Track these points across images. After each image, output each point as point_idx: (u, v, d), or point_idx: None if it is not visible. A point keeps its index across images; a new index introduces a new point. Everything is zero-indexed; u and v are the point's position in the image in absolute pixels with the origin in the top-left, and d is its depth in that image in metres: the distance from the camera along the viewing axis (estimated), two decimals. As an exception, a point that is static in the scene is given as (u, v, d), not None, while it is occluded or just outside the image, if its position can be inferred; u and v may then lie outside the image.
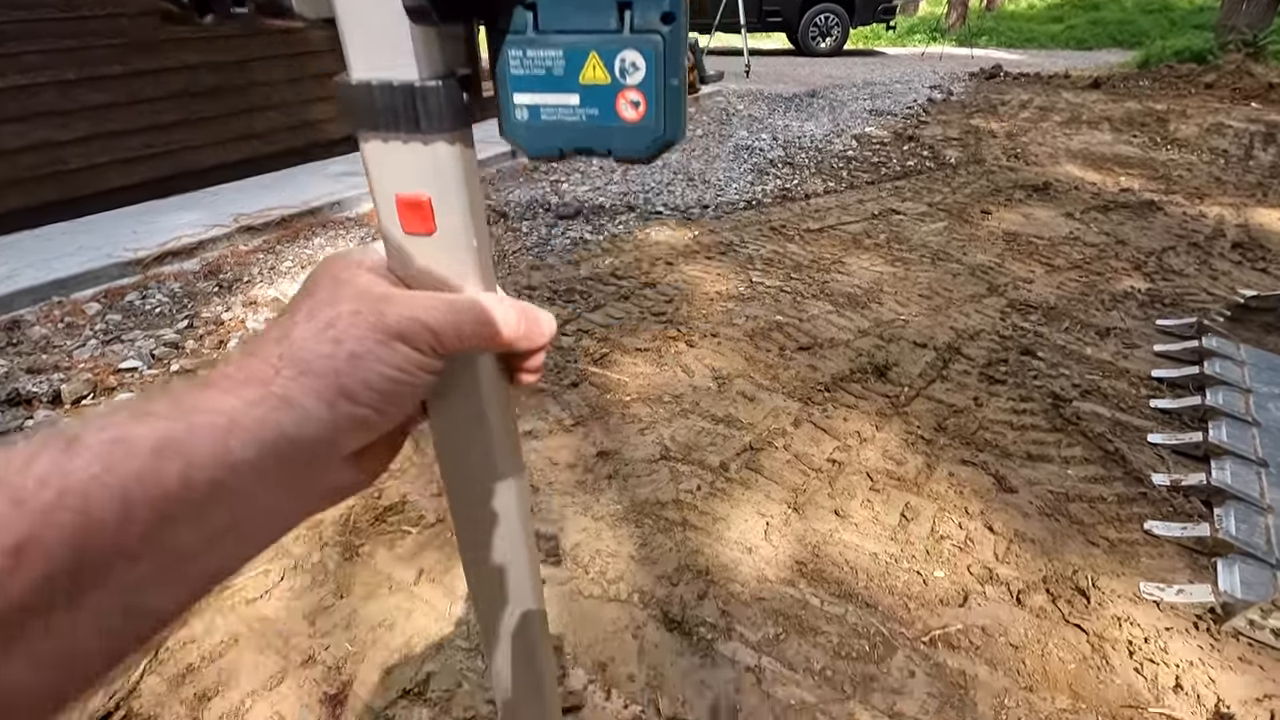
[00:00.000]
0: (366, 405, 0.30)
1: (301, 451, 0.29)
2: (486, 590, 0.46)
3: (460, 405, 0.38)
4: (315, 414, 0.29)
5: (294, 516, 0.32)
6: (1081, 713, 1.46)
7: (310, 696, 1.52)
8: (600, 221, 4.34)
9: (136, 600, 0.25)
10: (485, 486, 0.41)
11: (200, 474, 0.26)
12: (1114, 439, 2.25)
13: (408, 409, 0.33)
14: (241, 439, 0.27)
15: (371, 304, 0.32)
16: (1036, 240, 3.94)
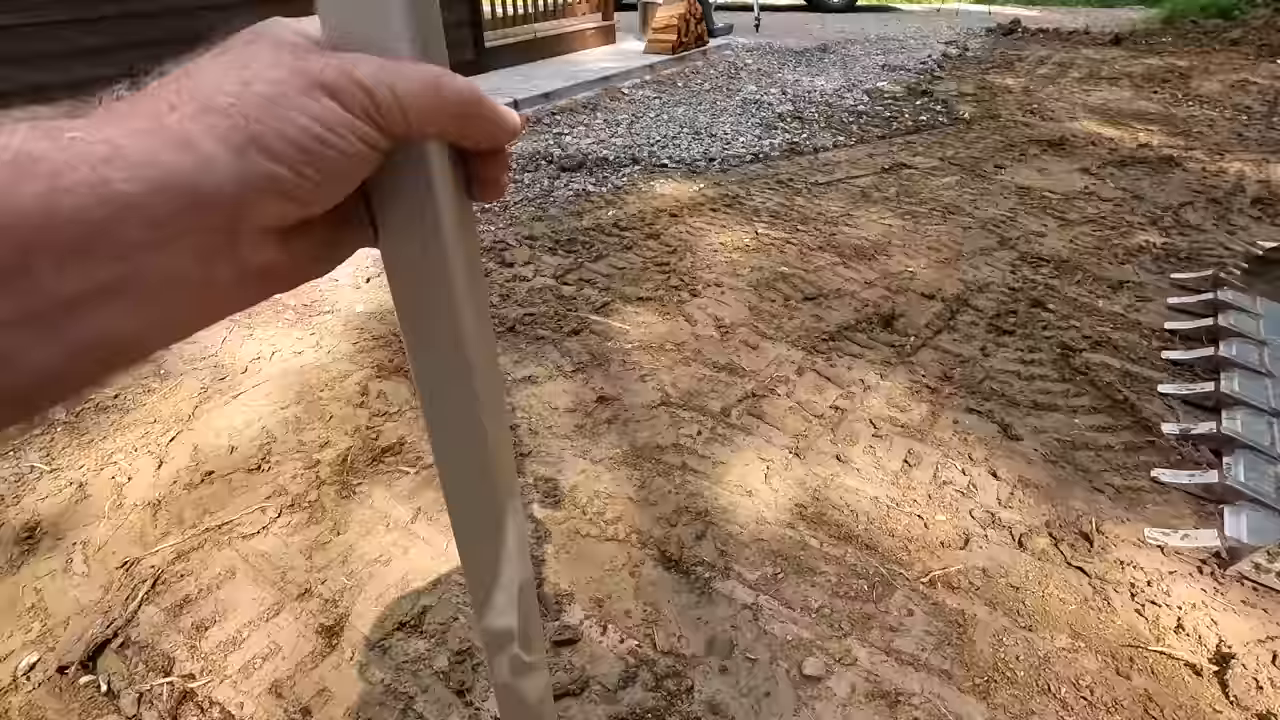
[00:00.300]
0: (284, 163, 0.25)
1: (204, 205, 0.24)
2: (453, 468, 0.42)
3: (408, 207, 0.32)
4: (220, 161, 0.24)
5: (208, 294, 0.27)
6: (1080, 651, 1.45)
7: (307, 627, 1.52)
8: (604, 174, 4.25)
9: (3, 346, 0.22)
10: (443, 324, 0.35)
11: (68, 200, 0.21)
12: (1123, 389, 2.21)
13: (338, 184, 0.28)
14: (124, 171, 0.22)
15: (292, 53, 0.27)
16: (1050, 195, 3.85)
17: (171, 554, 1.69)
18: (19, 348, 0.22)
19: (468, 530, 0.45)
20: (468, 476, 0.42)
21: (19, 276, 0.21)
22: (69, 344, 0.23)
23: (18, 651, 1.46)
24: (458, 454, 0.41)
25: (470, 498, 0.43)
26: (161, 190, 0.23)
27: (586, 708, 1.36)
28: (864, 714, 1.34)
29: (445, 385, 0.37)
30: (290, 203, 0.27)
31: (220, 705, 1.37)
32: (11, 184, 0.21)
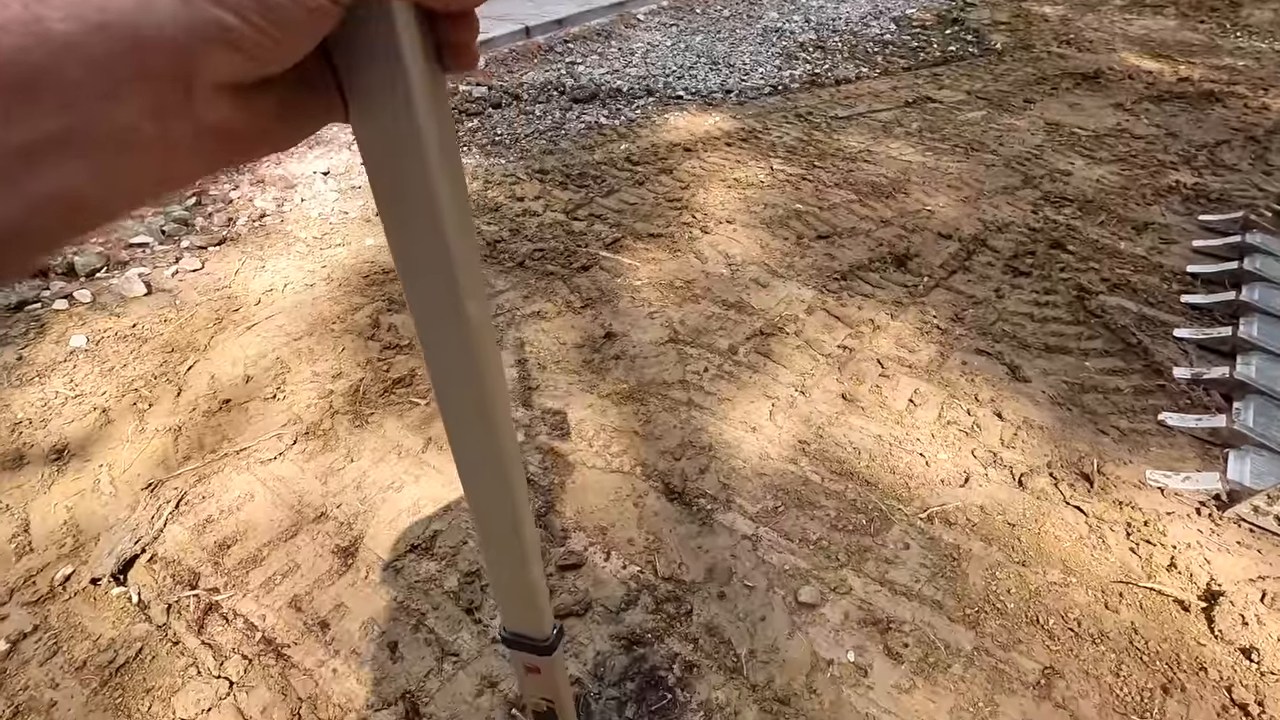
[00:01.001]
0: (233, 11, 0.24)
1: (147, 49, 0.23)
2: (438, 357, 0.41)
3: (380, 79, 0.30)
4: (161, 3, 0.23)
5: (166, 157, 0.26)
6: (1071, 586, 1.48)
7: (323, 548, 1.59)
8: (617, 106, 4.13)
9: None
10: (419, 199, 0.34)
11: (5, 40, 0.21)
12: (1138, 333, 2.18)
13: (294, 40, 0.26)
14: (60, 10, 0.21)
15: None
16: (1080, 131, 3.70)
17: (193, 477, 1.75)
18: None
19: (455, 416, 0.45)
20: (452, 360, 0.42)
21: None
22: (27, 197, 0.23)
23: (54, 564, 1.55)
24: (440, 335, 0.41)
25: (456, 381, 0.43)
26: (100, 29, 0.22)
27: (590, 627, 1.43)
28: (855, 639, 1.39)
29: (424, 265, 0.37)
30: (243, 56, 0.25)
31: (244, 617, 1.45)
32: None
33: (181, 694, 1.32)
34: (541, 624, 0.64)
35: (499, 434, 0.46)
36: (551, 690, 0.72)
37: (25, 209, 0.23)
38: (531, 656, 0.66)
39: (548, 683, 0.70)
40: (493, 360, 0.44)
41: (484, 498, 0.51)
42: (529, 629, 0.64)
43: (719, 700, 1.30)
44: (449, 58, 0.33)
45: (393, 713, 1.29)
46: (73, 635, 1.41)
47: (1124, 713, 1.27)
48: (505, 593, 0.62)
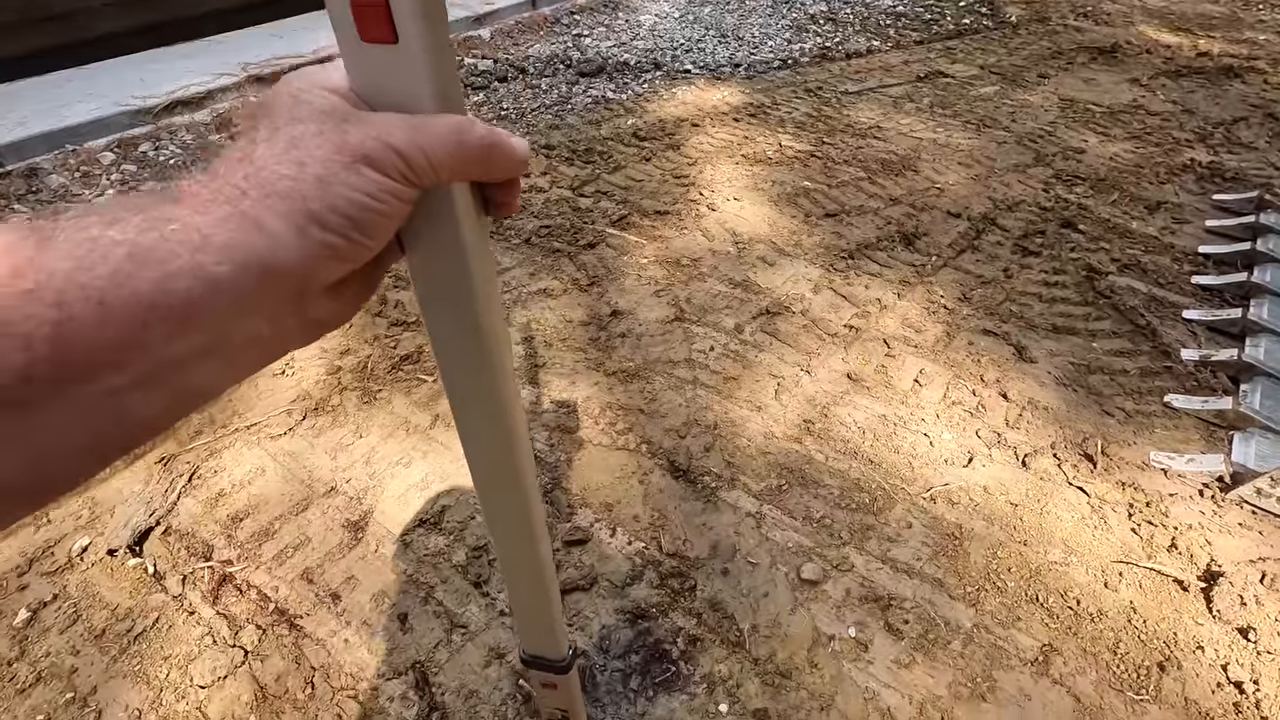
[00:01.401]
0: (337, 233, 0.29)
1: (276, 278, 0.28)
2: (472, 429, 0.46)
3: (435, 237, 0.36)
4: (286, 239, 0.28)
5: (276, 346, 0.32)
6: (1071, 565, 1.50)
7: (334, 522, 1.61)
8: (624, 80, 4.08)
9: (120, 405, 0.26)
10: (466, 322, 0.39)
11: (176, 285, 0.26)
12: (1146, 314, 2.17)
13: (382, 239, 0.32)
14: (215, 256, 0.27)
15: (335, 125, 0.30)
16: (1095, 108, 3.64)
17: (205, 451, 1.78)
18: (134, 404, 0.27)
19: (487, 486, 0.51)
20: (488, 441, 0.47)
21: (140, 350, 0.26)
22: (170, 397, 0.28)
23: (71, 535, 1.58)
24: (480, 431, 0.47)
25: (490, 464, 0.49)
26: (244, 269, 0.27)
27: (595, 601, 1.45)
28: (856, 615, 1.42)
29: (474, 402, 0.43)
30: (344, 263, 0.31)
31: (257, 588, 1.48)
32: (133, 273, 0.25)
33: (198, 662, 1.35)
34: (559, 646, 0.69)
35: (528, 501, 0.52)
36: (566, 702, 0.76)
37: (171, 401, 0.28)
38: (549, 675, 0.70)
39: (563, 696, 0.74)
40: (525, 454, 0.49)
41: (510, 549, 0.57)
42: (547, 651, 0.69)
43: (721, 673, 1.33)
44: (493, 209, 0.39)
45: (403, 682, 1.32)
46: (91, 604, 1.45)
47: (1120, 689, 1.29)
48: (526, 622, 0.68)
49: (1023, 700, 1.28)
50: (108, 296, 0.24)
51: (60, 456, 0.25)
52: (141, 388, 0.26)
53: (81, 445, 0.26)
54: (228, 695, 1.31)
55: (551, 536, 1.57)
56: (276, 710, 1.28)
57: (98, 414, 0.26)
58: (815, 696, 1.29)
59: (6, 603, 1.45)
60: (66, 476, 0.26)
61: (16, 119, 3.28)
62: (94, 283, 0.24)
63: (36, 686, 1.32)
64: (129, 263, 0.25)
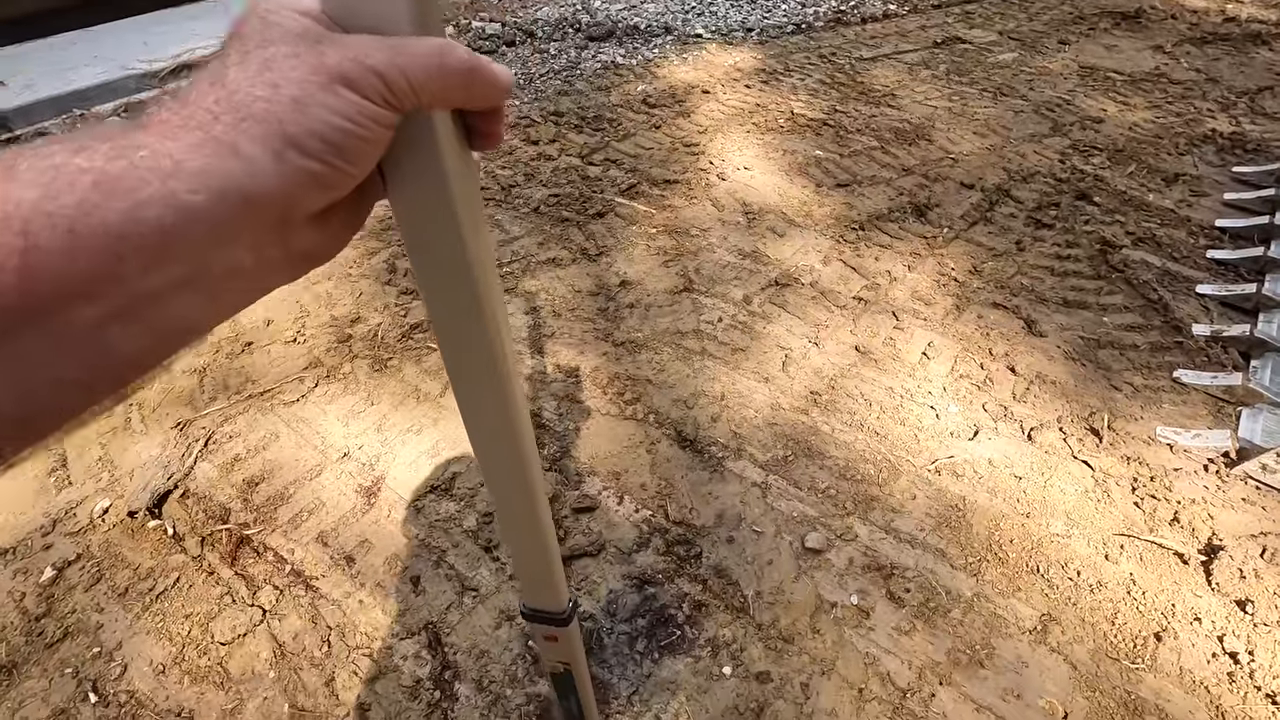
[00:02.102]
0: (316, 158, 0.28)
1: (254, 205, 0.27)
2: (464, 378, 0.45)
3: (416, 168, 0.34)
4: (262, 165, 0.27)
5: (260, 279, 0.31)
6: (1073, 538, 1.52)
7: (347, 486, 1.65)
8: (634, 44, 4.01)
9: (101, 339, 0.26)
10: (452, 262, 0.38)
11: (147, 214, 0.25)
12: (1159, 288, 2.15)
13: (363, 165, 0.31)
14: (188, 184, 0.26)
15: (309, 46, 0.29)
16: (1115, 76, 3.56)
17: (220, 417, 1.80)
18: (115, 337, 0.26)
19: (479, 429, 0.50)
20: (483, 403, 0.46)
21: (114, 282, 0.25)
22: (153, 331, 0.28)
23: (91, 497, 1.62)
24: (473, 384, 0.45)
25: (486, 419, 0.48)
26: (220, 196, 0.26)
27: (603, 567, 1.49)
28: (859, 583, 1.44)
29: (459, 325, 0.41)
30: (326, 190, 0.30)
31: (274, 550, 1.52)
32: (101, 203, 0.24)
33: (219, 620, 1.40)
34: (559, 599, 0.69)
35: (522, 449, 0.51)
36: (568, 654, 0.77)
37: (150, 337, 0.28)
38: (550, 627, 0.71)
39: (564, 648, 0.76)
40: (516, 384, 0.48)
41: (505, 494, 0.55)
42: (547, 604, 0.69)
43: (725, 637, 1.36)
44: (477, 140, 0.37)
45: (416, 641, 1.36)
46: (114, 564, 1.49)
47: (1116, 658, 1.32)
48: (526, 574, 0.67)
49: (1020, 667, 1.31)
50: (76, 225, 0.23)
51: (46, 389, 0.25)
52: (121, 321, 0.26)
53: (65, 379, 0.25)
54: (248, 652, 1.35)
55: (560, 503, 1.60)
56: (295, 667, 1.33)
57: (78, 347, 0.25)
58: (817, 661, 1.33)
59: (32, 561, 1.50)
60: (55, 411, 0.26)
61: (23, 82, 3.26)
62: (61, 211, 0.23)
63: (64, 641, 1.37)
64: (96, 191, 0.24)
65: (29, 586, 1.45)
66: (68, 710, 1.27)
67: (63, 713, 1.27)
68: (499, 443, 0.50)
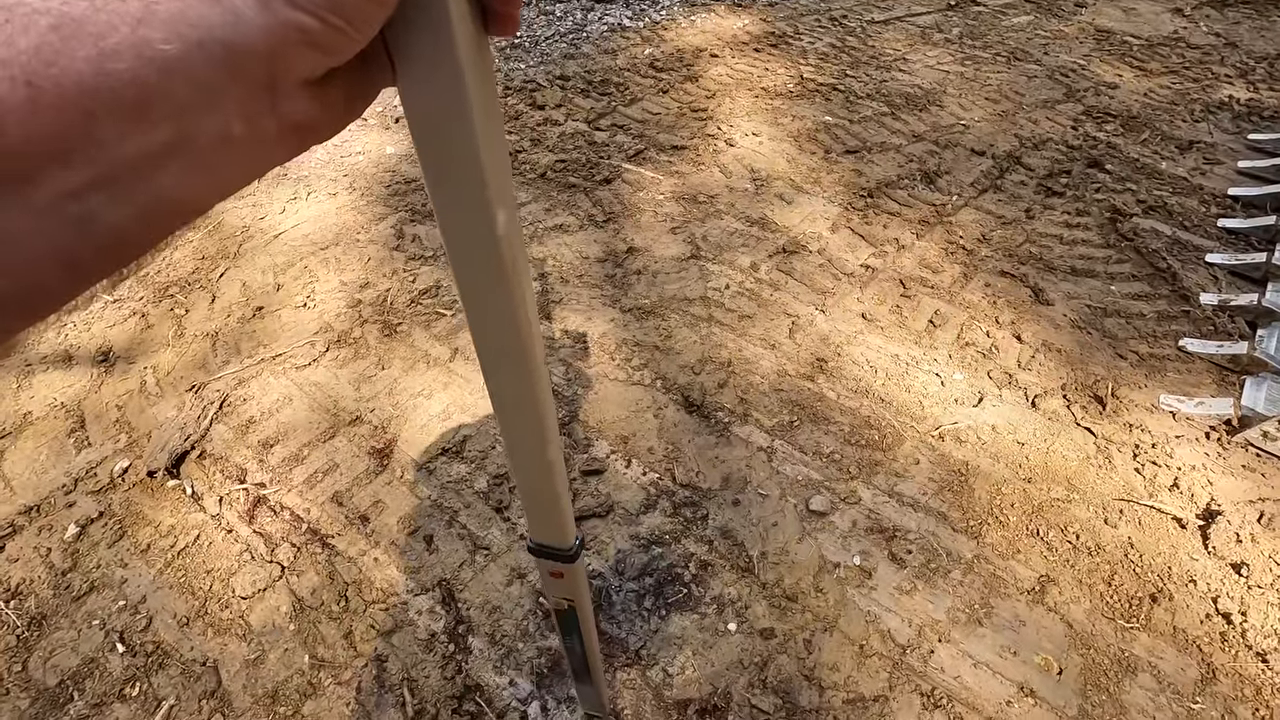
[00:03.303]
0: (308, 10, 0.25)
1: (238, 61, 0.25)
2: (474, 298, 0.42)
3: (427, 47, 0.31)
4: (246, 14, 0.24)
5: (254, 152, 0.28)
6: (1073, 502, 1.54)
7: (360, 449, 1.68)
8: (641, 6, 3.93)
9: (82, 210, 0.24)
10: (464, 159, 0.35)
11: (117, 64, 0.22)
12: (1168, 257, 2.14)
13: (364, 27, 0.28)
14: (161, 32, 0.23)
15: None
16: (1132, 40, 3.49)
17: (233, 380, 1.83)
18: (96, 211, 0.24)
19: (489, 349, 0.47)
20: (494, 315, 0.43)
21: (88, 143, 0.23)
22: (138, 204, 0.25)
23: (111, 457, 1.65)
24: (482, 290, 0.42)
25: (492, 322, 0.44)
26: (200, 47, 0.24)
27: (611, 528, 1.52)
28: (861, 545, 1.48)
29: (468, 224, 0.38)
30: (320, 51, 0.27)
31: (290, 510, 1.56)
32: (62, 48, 0.21)
33: (239, 575, 1.44)
34: (566, 535, 0.68)
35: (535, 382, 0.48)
36: (572, 592, 0.78)
37: (134, 213, 0.25)
38: (556, 563, 0.71)
39: (569, 585, 0.76)
40: (528, 297, 0.44)
41: (514, 422, 0.53)
42: (554, 540, 0.69)
43: (731, 595, 1.40)
44: (492, 24, 0.34)
45: (431, 597, 1.41)
46: (135, 522, 1.53)
47: (1111, 618, 1.36)
48: (533, 507, 0.66)
49: (1017, 625, 1.35)
50: (35, 77, 0.21)
51: (31, 265, 0.23)
52: (103, 190, 0.24)
53: (49, 253, 0.23)
54: (268, 606, 1.40)
55: (569, 466, 1.63)
56: (314, 620, 1.37)
57: (60, 219, 0.23)
58: (819, 618, 1.36)
59: (56, 518, 1.54)
60: (43, 290, 0.24)
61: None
62: (16, 59, 0.21)
63: (90, 595, 1.42)
64: (54, 35, 0.21)
65: (54, 542, 1.50)
66: (97, 659, 1.32)
67: (92, 661, 1.32)
68: (509, 369, 0.47)
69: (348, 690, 1.28)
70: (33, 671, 1.31)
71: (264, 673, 1.31)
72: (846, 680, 1.28)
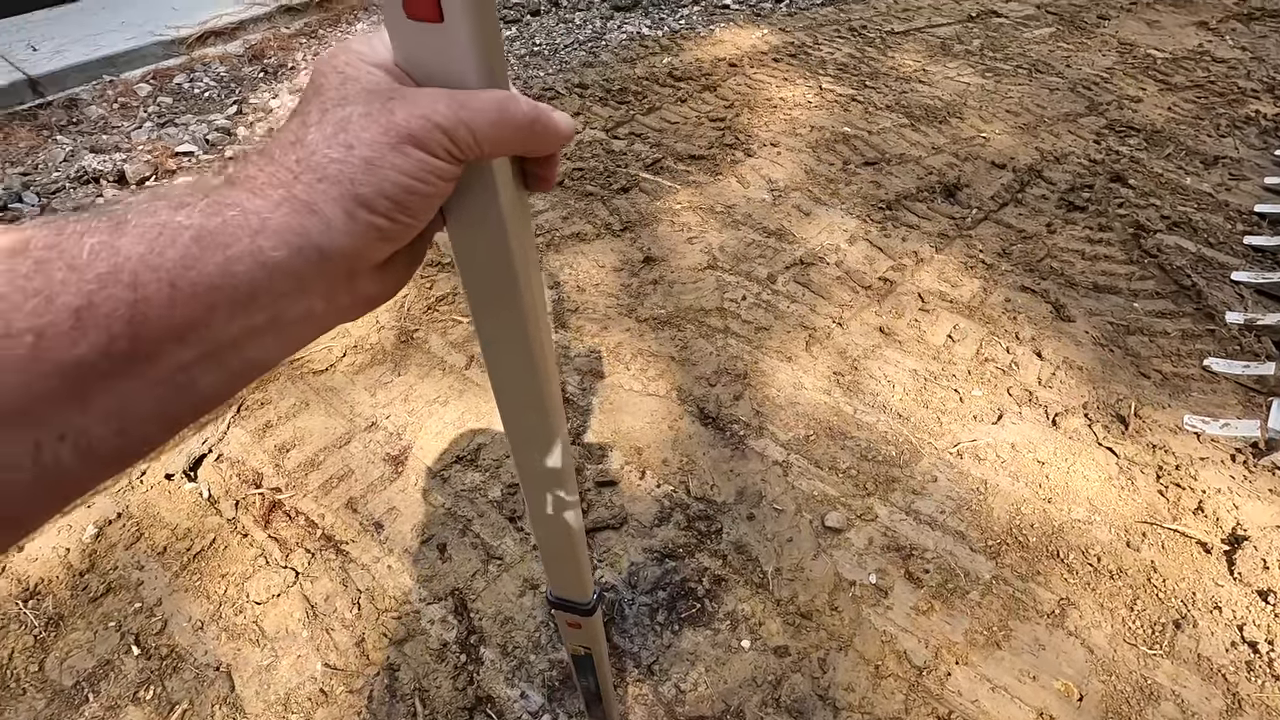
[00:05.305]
0: (384, 215, 0.30)
1: (328, 260, 0.30)
2: (507, 393, 0.47)
3: (475, 210, 0.36)
4: (337, 223, 0.29)
5: (328, 321, 0.33)
6: (1095, 524, 1.52)
7: (375, 455, 1.68)
8: (661, 15, 3.94)
9: (187, 379, 0.28)
10: (505, 293, 0.40)
11: (238, 268, 0.27)
12: (1193, 274, 2.11)
13: (427, 216, 0.33)
14: (272, 240, 0.28)
15: (381, 104, 0.30)
16: (1156, 53, 3.45)
17: (251, 384, 1.84)
18: (196, 379, 0.29)
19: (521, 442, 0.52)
20: (524, 407, 0.48)
21: (202, 328, 0.27)
22: (230, 371, 0.30)
23: (129, 459, 1.67)
24: (518, 408, 0.48)
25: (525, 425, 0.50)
26: (299, 252, 0.29)
27: (624, 540, 1.51)
28: (877, 563, 1.46)
29: (506, 342, 0.43)
30: (390, 243, 0.32)
31: (305, 515, 1.56)
32: (199, 256, 0.26)
33: (253, 580, 1.44)
34: (585, 591, 0.71)
35: (559, 456, 0.53)
36: (589, 640, 0.80)
37: (226, 378, 0.30)
38: (574, 615, 0.74)
39: (587, 634, 0.78)
40: (558, 413, 0.50)
41: (540, 497, 0.57)
42: (573, 595, 0.72)
43: (745, 612, 1.39)
44: (532, 183, 0.39)
45: (443, 606, 1.40)
46: (152, 524, 1.54)
47: (1134, 644, 1.33)
48: (554, 567, 0.69)
49: (1036, 649, 1.32)
50: (177, 279, 0.26)
51: (139, 424, 0.28)
52: (205, 363, 0.28)
53: (152, 414, 0.28)
54: (281, 611, 1.40)
55: (582, 477, 1.62)
56: (327, 627, 1.38)
57: (167, 387, 0.27)
58: (834, 637, 1.35)
59: (75, 518, 1.55)
60: (143, 441, 0.29)
61: (54, 48, 3.29)
62: (164, 265, 0.26)
63: (107, 596, 1.43)
64: (195, 246, 0.26)
65: (72, 542, 1.51)
66: (112, 661, 1.33)
67: (108, 663, 1.32)
68: (537, 449, 0.52)
69: (359, 699, 1.28)
70: (49, 672, 1.32)
71: (276, 679, 1.31)
72: (861, 701, 1.26)
